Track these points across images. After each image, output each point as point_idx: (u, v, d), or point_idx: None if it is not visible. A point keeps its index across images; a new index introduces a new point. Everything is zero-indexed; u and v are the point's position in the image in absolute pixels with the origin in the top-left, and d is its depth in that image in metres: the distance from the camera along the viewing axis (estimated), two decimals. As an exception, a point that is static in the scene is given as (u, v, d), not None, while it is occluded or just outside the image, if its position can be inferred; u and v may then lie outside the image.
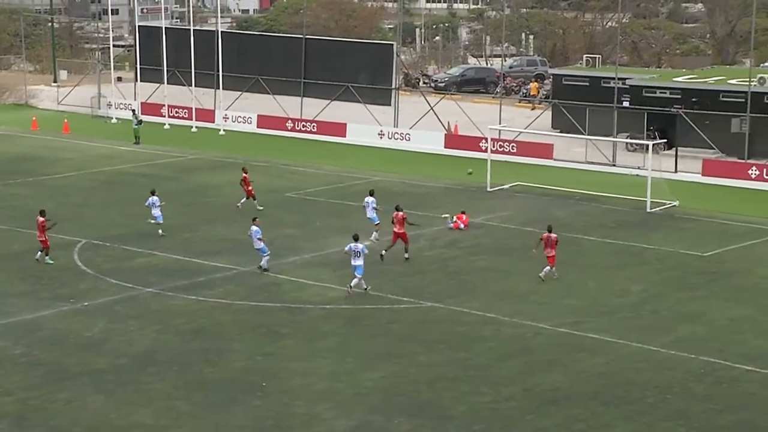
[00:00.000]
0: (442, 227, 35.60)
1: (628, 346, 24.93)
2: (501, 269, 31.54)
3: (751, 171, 43.67)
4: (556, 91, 57.48)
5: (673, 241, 34.36)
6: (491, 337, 25.70)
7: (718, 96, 49.68)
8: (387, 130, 53.96)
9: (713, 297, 28.85)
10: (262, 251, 31.14)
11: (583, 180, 43.85)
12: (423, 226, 35.53)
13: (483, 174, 42.72)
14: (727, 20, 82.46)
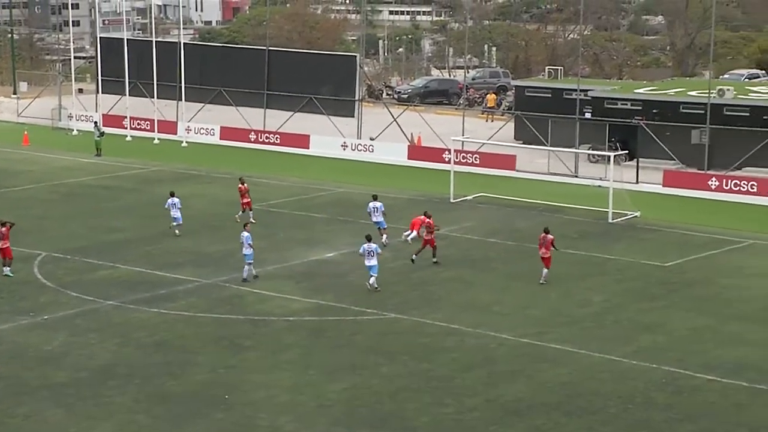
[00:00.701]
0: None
1: (591, 357, 25.06)
2: (464, 280, 31.61)
3: (711, 182, 44.09)
4: (519, 102, 57.80)
5: (634, 252, 34.61)
6: (454, 348, 25.74)
7: (678, 108, 50.15)
8: (350, 142, 53.97)
9: (674, 307, 29.07)
10: (247, 258, 31.08)
11: (545, 191, 44.08)
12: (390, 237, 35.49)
13: (446, 185, 42.82)
14: (687, 33, 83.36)
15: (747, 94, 51.08)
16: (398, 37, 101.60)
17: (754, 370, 24.15)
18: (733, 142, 46.57)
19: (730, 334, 26.71)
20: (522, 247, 35.32)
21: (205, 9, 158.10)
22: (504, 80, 74.30)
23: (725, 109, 48.46)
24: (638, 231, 37.88)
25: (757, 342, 26.10)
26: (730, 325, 27.42)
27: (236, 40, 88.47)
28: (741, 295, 30.06)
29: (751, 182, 43.25)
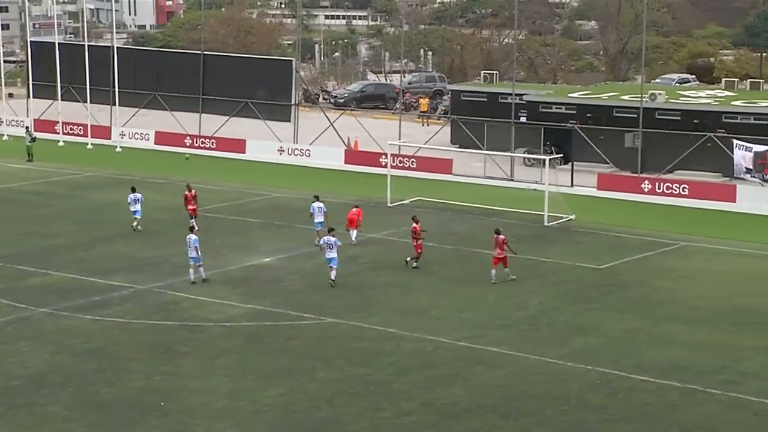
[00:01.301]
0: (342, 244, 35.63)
1: (527, 359, 25.27)
2: (401, 284, 31.69)
3: (643, 185, 44.71)
4: (455, 106, 58.14)
5: (569, 254, 34.98)
6: (392, 352, 25.79)
7: (611, 111, 50.84)
8: (287, 147, 53.84)
9: (608, 309, 29.43)
10: (195, 260, 31.03)
11: (482, 194, 44.38)
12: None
13: (383, 189, 42.92)
14: (619, 38, 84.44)
15: (678, 99, 51.93)
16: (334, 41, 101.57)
17: (686, 370, 24.54)
18: (665, 145, 47.29)
19: (663, 336, 27.12)
20: (459, 251, 35.52)
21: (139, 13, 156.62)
22: (440, 84, 74.67)
23: (657, 113, 49.22)
24: (573, 234, 38.29)
25: (689, 343, 26.53)
26: (663, 327, 27.84)
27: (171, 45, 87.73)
28: (673, 297, 30.53)
29: (682, 185, 43.96)
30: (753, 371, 24.53)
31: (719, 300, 30.16)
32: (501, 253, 31.48)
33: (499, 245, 31.40)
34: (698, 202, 42.88)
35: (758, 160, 42.38)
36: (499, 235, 31.53)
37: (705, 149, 46.39)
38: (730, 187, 43.61)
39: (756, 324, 28.06)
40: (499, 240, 31.42)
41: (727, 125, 47.60)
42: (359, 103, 69.21)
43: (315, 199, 36.13)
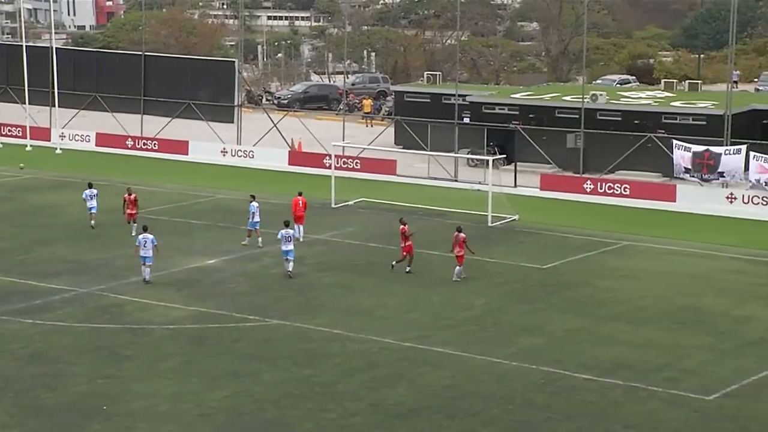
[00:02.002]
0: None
1: (472, 359, 25.39)
2: (347, 285, 31.68)
3: (586, 185, 45.13)
4: (398, 107, 58.26)
5: (514, 255, 35.20)
6: (337, 353, 25.77)
7: (553, 112, 51.28)
8: (230, 148, 53.58)
9: (552, 309, 29.67)
10: (148, 260, 31.04)
11: (426, 195, 44.51)
12: (267, 244, 35.39)
13: (327, 190, 42.87)
14: (561, 39, 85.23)
15: (619, 99, 52.52)
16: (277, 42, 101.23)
17: (628, 368, 24.82)
18: (607, 145, 47.79)
19: (606, 335, 27.40)
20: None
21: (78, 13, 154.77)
22: (383, 85, 74.81)
23: (598, 113, 49.73)
24: (517, 234, 38.54)
25: (631, 341, 26.83)
26: (605, 326, 28.13)
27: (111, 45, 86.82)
28: (616, 296, 30.86)
29: (624, 185, 44.45)
30: (693, 369, 24.88)
31: (662, 299, 30.54)
32: (460, 251, 31.75)
33: (459, 243, 31.64)
34: (639, 202, 43.40)
35: (697, 160, 43.01)
36: (460, 232, 31.83)
37: (645, 149, 46.96)
38: (670, 186, 44.20)
39: (697, 322, 28.47)
40: (459, 238, 31.70)
41: (667, 126, 48.25)
42: (303, 104, 69.12)
43: (252, 199, 36.08)
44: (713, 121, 46.76)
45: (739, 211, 41.51)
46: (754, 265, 34.66)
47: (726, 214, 41.37)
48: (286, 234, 31.90)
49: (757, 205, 41.61)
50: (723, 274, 33.37)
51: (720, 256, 35.58)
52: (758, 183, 41.44)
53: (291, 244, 31.94)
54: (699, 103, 50.34)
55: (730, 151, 42.61)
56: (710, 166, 42.68)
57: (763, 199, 41.46)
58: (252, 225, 35.70)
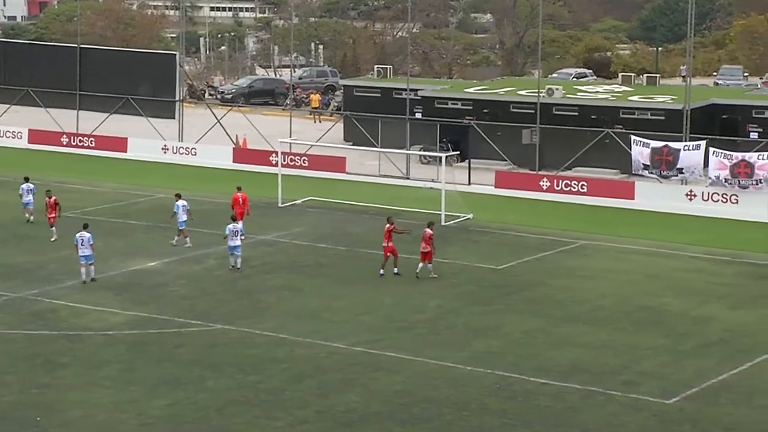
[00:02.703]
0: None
1: (425, 363, 25.44)
2: (294, 288, 31.62)
3: (542, 182, 45.40)
4: (348, 102, 58.22)
5: (468, 255, 35.33)
6: (284, 358, 25.71)
7: (508, 107, 51.50)
8: (171, 145, 53.26)
9: (508, 310, 29.82)
10: (88, 259, 31.15)
11: (377, 194, 44.51)
12: (211, 245, 35.21)
13: (274, 189, 42.73)
14: (516, 31, 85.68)
15: (575, 94, 52.88)
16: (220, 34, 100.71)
17: (585, 372, 25.01)
18: (563, 141, 48.10)
19: (562, 337, 27.59)
20: (353, 252, 35.58)
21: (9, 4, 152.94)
22: (332, 79, 74.75)
23: (554, 108, 50.04)
24: (471, 233, 38.69)
25: (588, 344, 27.04)
26: (562, 328, 28.33)
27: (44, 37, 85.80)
28: (573, 297, 31.09)
29: (581, 182, 44.77)
30: (652, 371, 25.12)
31: (620, 299, 30.82)
32: (426, 247, 32.07)
33: (425, 239, 31.98)
34: (597, 200, 43.73)
35: (655, 156, 43.38)
36: (427, 228, 32.20)
37: (603, 145, 47.34)
38: (629, 183, 44.59)
39: (656, 323, 28.76)
40: (426, 234, 32.04)
41: (625, 121, 48.67)
42: (247, 99, 68.87)
43: (177, 198, 36.20)
44: (672, 116, 47.25)
45: (699, 209, 41.98)
46: (714, 264, 35.09)
47: (685, 212, 41.83)
48: (233, 228, 32.77)
49: (717, 203, 42.11)
50: (682, 274, 33.74)
51: (679, 255, 35.98)
52: (718, 180, 41.91)
53: (237, 239, 32.72)
54: (657, 97, 50.84)
55: (689, 147, 43.06)
56: (669, 163, 43.10)
57: (723, 196, 41.97)
58: (182, 224, 35.69)
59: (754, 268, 34.50)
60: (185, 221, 35.79)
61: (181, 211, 35.80)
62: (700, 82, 71.40)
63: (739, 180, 41.43)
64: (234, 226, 32.94)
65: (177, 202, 36.07)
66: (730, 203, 41.86)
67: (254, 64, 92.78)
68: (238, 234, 32.81)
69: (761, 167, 41.07)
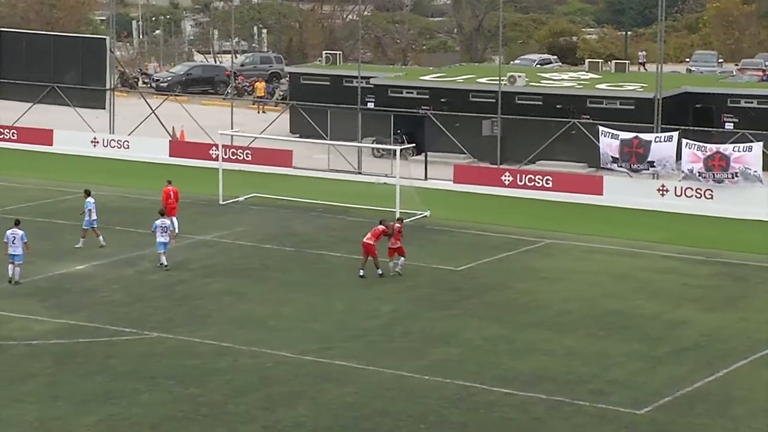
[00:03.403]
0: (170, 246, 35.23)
1: (380, 373, 25.46)
2: (237, 292, 31.53)
3: (504, 177, 45.55)
4: (294, 91, 58.13)
5: (424, 255, 35.38)
6: (227, 369, 25.63)
7: (467, 96, 51.67)
8: (102, 138, 52.91)
9: (468, 315, 29.92)
10: (17, 258, 31.30)
11: (326, 190, 44.49)
12: (145, 246, 34.99)
13: (214, 185, 42.56)
14: (474, 14, 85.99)
15: (539, 81, 53.16)
16: (155, 17, 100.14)
17: (551, 381, 25.14)
18: (527, 133, 48.30)
19: (527, 343, 27.72)
20: (302, 254, 35.53)
21: None
22: (277, 66, 74.63)
23: (517, 97, 50.26)
24: (428, 232, 38.76)
25: (554, 351, 27.19)
26: (526, 334, 28.46)
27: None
28: (537, 300, 31.25)
29: (546, 177, 44.98)
30: (623, 380, 25.31)
31: (587, 303, 31.03)
32: (395, 243, 32.59)
33: (394, 234, 32.56)
34: (563, 195, 43.94)
35: (625, 148, 43.63)
36: (396, 223, 33.00)
37: (569, 137, 47.62)
38: (597, 178, 44.88)
39: (626, 328, 28.98)
40: (395, 228, 32.72)
41: (592, 110, 49.00)
42: (185, 87, 68.55)
43: (86, 195, 36.14)
44: (642, 105, 47.62)
45: (672, 205, 42.32)
46: (688, 264, 35.43)
47: (657, 208, 42.17)
48: (161, 224, 33.11)
49: (691, 198, 42.45)
50: (654, 275, 34.02)
51: (651, 255, 36.28)
52: (691, 173, 42.26)
53: (166, 236, 33.11)
54: (627, 85, 51.22)
55: (660, 139, 43.40)
56: (639, 155, 43.41)
57: (696, 191, 42.32)
58: (89, 224, 35.48)
59: (729, 268, 34.87)
60: (95, 219, 35.62)
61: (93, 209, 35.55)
62: (672, 69, 72.16)
63: (714, 174, 41.79)
64: (162, 222, 33.24)
65: (88, 199, 35.77)
66: (704, 199, 42.23)
67: (192, 49, 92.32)
68: (166, 230, 33.10)
69: (737, 160, 41.46)
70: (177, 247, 35.10)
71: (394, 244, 32.75)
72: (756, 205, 41.07)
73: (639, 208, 42.22)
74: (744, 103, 49.71)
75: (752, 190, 41.49)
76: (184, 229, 37.33)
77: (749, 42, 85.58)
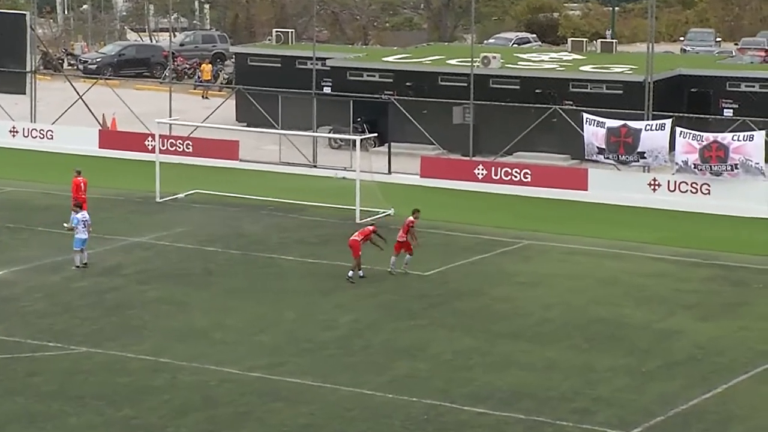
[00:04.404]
0: (100, 249, 35.13)
1: (337, 391, 25.51)
2: (177, 301, 31.51)
3: (477, 171, 45.71)
4: (241, 74, 58.05)
5: (388, 259, 35.36)
6: (165, 387, 25.61)
7: (436, 80, 51.81)
8: (22, 127, 52.69)
9: (436, 325, 30.01)
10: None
11: (278, 186, 44.49)
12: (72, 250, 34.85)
13: (151, 180, 42.46)
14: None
15: (516, 63, 53.37)
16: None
17: (530, 398, 25.27)
18: (503, 121, 48.53)
19: (502, 356, 27.85)
20: (250, 257, 35.53)
21: None
22: (221, 46, 74.55)
23: (491, 81, 50.44)
24: (392, 233, 38.64)
25: (534, 365, 27.32)
26: (502, 345, 28.59)
27: None
28: (514, 308, 31.40)
29: (524, 170, 45.16)
30: (609, 397, 25.47)
31: (570, 310, 31.20)
32: (403, 236, 33.21)
33: (404, 228, 33.16)
34: (543, 191, 44.14)
35: (612, 137, 43.85)
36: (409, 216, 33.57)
37: (550, 126, 47.86)
38: (581, 171, 45.12)
39: (613, 339, 29.16)
40: (405, 222, 33.35)
41: (576, 96, 49.26)
42: (116, 69, 68.43)
43: None
44: (631, 89, 47.96)
45: (664, 201, 42.62)
46: (682, 266, 35.70)
47: (648, 205, 42.45)
48: (83, 218, 33.68)
49: (686, 194, 42.75)
50: (644, 279, 34.26)
51: (641, 257, 36.52)
52: (686, 165, 42.51)
53: (86, 232, 33.59)
54: (614, 67, 51.53)
55: (652, 127, 43.67)
56: (628, 145, 43.66)
57: (692, 185, 42.60)
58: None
59: (728, 271, 35.16)
60: None
61: None
62: (664, 49, 72.66)
63: (711, 166, 42.07)
64: (84, 216, 33.71)
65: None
66: (700, 194, 42.55)
67: (124, 27, 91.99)
68: (87, 225, 33.64)
69: (737, 150, 41.72)
70: (108, 250, 35.03)
71: (402, 237, 33.32)
72: (758, 201, 41.41)
73: (628, 205, 42.48)
74: (744, 87, 50.13)
75: (754, 184, 41.81)
76: (116, 229, 37.25)
77: (750, 19, 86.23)
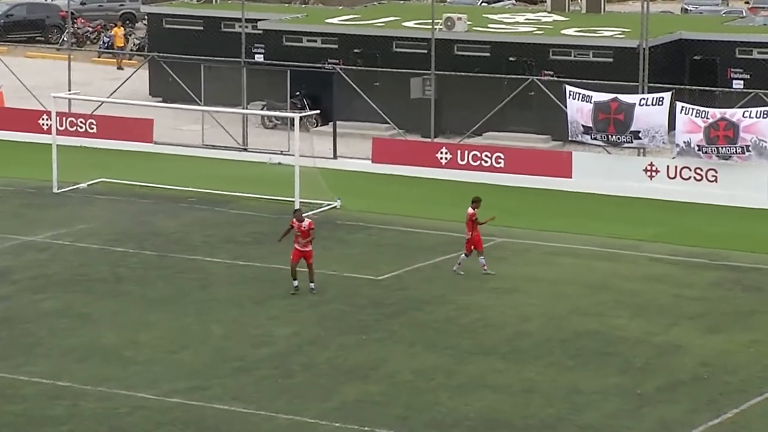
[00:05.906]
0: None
1: (273, 419, 25.51)
2: (79, 313, 31.42)
3: (440, 155, 45.71)
4: (155, 39, 57.78)
5: (334, 260, 35.44)
6: (65, 417, 25.53)
7: (390, 45, 51.71)
8: None
9: (392, 339, 30.04)
10: None
11: (200, 173, 44.39)
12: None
13: (47, 167, 42.25)
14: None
15: (485, 26, 53.36)
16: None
17: (505, 426, 25.34)
18: (470, 95, 48.49)
19: (472, 377, 27.89)
20: (167, 260, 35.45)
21: None
22: (131, 5, 74.16)
23: (456, 47, 50.42)
24: (338, 228, 38.83)
25: (509, 387, 27.39)
26: (471, 363, 28.64)
27: None
28: (484, 319, 31.44)
29: (495, 154, 45.17)
30: (599, 424, 25.58)
31: (552, 321, 31.30)
32: (469, 233, 33.82)
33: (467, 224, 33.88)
34: (519, 179, 44.10)
35: (600, 114, 43.80)
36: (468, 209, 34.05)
37: (526, 100, 47.91)
38: (563, 155, 45.18)
39: (602, 355, 29.27)
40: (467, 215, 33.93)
41: (557, 64, 49.32)
42: (4, 33, 67.90)
43: None
44: (623, 57, 48.03)
45: (663, 190, 42.69)
46: (684, 269, 35.88)
47: (644, 195, 42.54)
48: None
49: (688, 181, 42.79)
50: (640, 284, 34.40)
51: (636, 257, 36.68)
52: (688, 147, 42.54)
53: None
54: (602, 30, 51.58)
55: (647, 101, 43.73)
56: (620, 124, 43.72)
57: (695, 171, 42.67)
58: None
59: (739, 274, 35.34)
60: None
61: None
62: (662, 9, 72.94)
63: (718, 147, 42.18)
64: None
65: None
66: (705, 182, 42.68)
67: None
68: None
69: (748, 129, 41.72)
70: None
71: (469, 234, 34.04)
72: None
73: (620, 195, 42.60)
74: (757, 54, 50.24)
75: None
76: (4, 227, 37.06)
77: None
